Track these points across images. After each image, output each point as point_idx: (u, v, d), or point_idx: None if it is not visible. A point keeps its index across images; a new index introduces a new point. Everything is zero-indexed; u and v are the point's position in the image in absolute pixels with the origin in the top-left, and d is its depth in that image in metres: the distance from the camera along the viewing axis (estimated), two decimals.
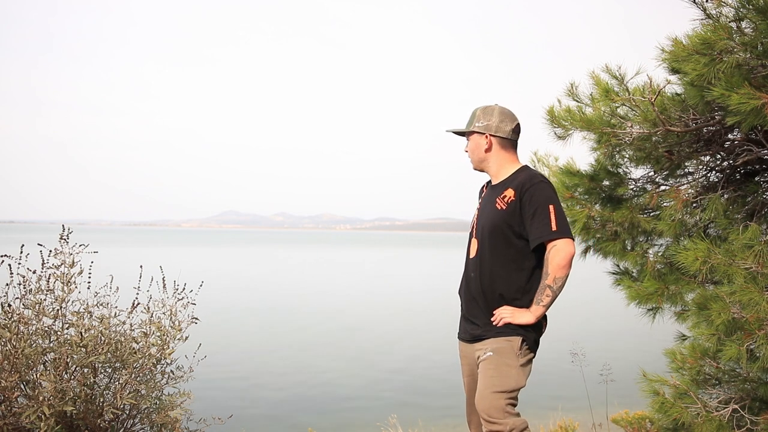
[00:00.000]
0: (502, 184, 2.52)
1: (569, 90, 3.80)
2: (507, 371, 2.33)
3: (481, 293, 2.45)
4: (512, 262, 2.42)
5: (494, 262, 2.44)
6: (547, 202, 2.38)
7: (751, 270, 2.77)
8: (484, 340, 2.43)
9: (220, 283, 25.75)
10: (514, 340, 2.37)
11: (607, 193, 3.96)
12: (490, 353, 2.37)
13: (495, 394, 2.30)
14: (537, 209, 2.37)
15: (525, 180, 2.45)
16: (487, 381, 2.34)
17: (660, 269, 3.80)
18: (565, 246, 2.34)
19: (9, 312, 3.09)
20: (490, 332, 2.41)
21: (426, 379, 10.54)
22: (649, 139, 3.47)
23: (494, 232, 2.45)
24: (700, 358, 3.46)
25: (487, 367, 2.36)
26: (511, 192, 2.44)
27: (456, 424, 7.43)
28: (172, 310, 3.51)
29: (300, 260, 50.60)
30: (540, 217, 2.36)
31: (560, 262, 2.33)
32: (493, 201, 2.50)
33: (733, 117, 2.72)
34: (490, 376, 2.34)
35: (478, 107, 2.59)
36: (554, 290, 2.35)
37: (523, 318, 2.37)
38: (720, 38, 2.69)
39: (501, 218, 2.44)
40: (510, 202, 2.43)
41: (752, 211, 3.40)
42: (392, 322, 17.29)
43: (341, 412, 8.61)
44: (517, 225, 2.41)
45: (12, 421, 2.98)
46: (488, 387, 2.32)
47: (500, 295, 2.42)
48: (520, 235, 2.41)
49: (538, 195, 2.39)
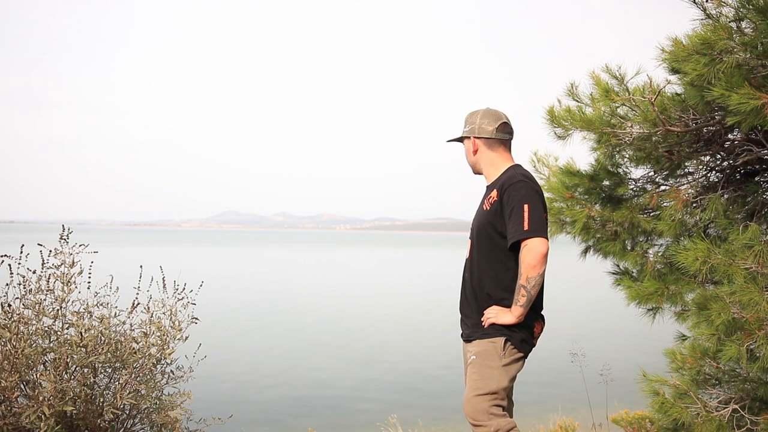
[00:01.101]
0: (492, 185, 2.56)
1: (569, 90, 3.80)
2: (489, 373, 2.38)
3: (472, 293, 2.51)
4: (498, 262, 2.45)
5: (482, 262, 2.49)
6: (521, 201, 2.38)
7: (751, 270, 2.77)
8: (472, 342, 2.49)
9: (220, 283, 25.75)
10: (497, 341, 2.41)
11: (607, 193, 3.96)
12: (473, 357, 2.44)
13: (478, 397, 2.35)
14: (513, 209, 2.38)
15: (506, 180, 2.47)
16: (470, 384, 2.40)
17: (660, 269, 3.80)
18: (536, 245, 2.33)
19: (9, 312, 3.09)
20: (477, 333, 2.46)
21: (426, 379, 10.53)
22: (649, 139, 3.47)
23: (480, 232, 2.50)
24: (700, 358, 3.46)
25: (471, 371, 2.43)
26: (495, 192, 2.48)
27: (456, 425, 7.43)
28: (172, 310, 3.51)
29: (300, 260, 50.62)
30: (515, 217, 2.37)
31: (531, 261, 2.32)
32: (482, 202, 2.56)
33: (733, 117, 2.72)
34: (474, 379, 2.40)
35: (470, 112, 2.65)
36: (528, 290, 2.34)
37: (504, 318, 2.40)
38: (720, 38, 2.69)
39: (486, 219, 2.48)
40: (493, 202, 2.47)
41: (752, 211, 3.40)
42: (393, 322, 17.29)
43: (341, 412, 8.61)
44: (499, 225, 2.44)
45: (12, 421, 2.98)
46: (471, 390, 2.38)
47: (488, 294, 2.45)
48: (503, 235, 2.44)
49: (514, 194, 2.40)
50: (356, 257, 59.80)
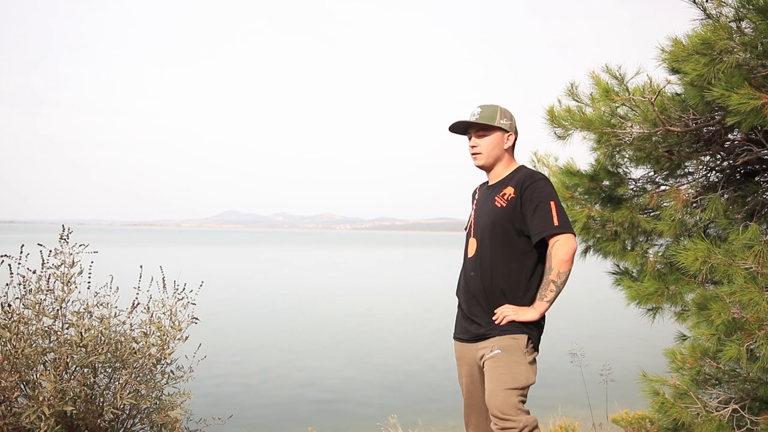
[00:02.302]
0: (501, 182, 2.53)
1: (569, 90, 3.80)
2: (517, 368, 2.29)
3: (482, 291, 2.43)
4: (513, 259, 2.41)
5: (495, 259, 2.42)
6: (548, 198, 2.39)
7: (751, 270, 2.77)
8: (488, 339, 2.39)
9: (220, 283, 25.75)
10: (520, 338, 2.34)
11: (607, 193, 3.96)
12: (498, 351, 2.33)
13: (508, 391, 2.25)
14: (538, 205, 2.37)
15: (525, 177, 2.45)
16: (498, 378, 2.29)
17: (660, 269, 3.80)
18: (568, 240, 2.34)
19: (9, 312, 3.09)
20: (495, 330, 2.37)
21: (426, 379, 10.53)
22: (649, 139, 3.47)
23: (495, 229, 2.44)
24: (700, 358, 3.46)
25: (496, 365, 2.31)
26: (511, 189, 2.45)
27: (456, 425, 7.43)
28: (172, 310, 3.51)
29: (300, 260, 50.60)
30: (541, 213, 2.36)
31: (563, 256, 2.32)
32: (492, 199, 2.50)
33: (733, 117, 2.72)
34: (501, 373, 2.29)
35: (490, 104, 2.54)
36: (558, 285, 2.34)
37: (527, 315, 2.35)
38: (720, 38, 2.69)
39: (501, 216, 2.43)
40: (510, 199, 2.43)
41: (752, 211, 3.40)
42: (393, 322, 17.28)
43: (341, 412, 8.61)
44: (518, 222, 2.41)
45: (12, 421, 2.98)
46: (500, 384, 2.27)
47: (502, 292, 2.40)
48: (521, 232, 2.41)
49: (539, 192, 2.40)
50: (356, 257, 59.78)
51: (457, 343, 2.57)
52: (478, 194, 2.68)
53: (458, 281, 2.61)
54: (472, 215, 2.62)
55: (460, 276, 2.59)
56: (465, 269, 2.55)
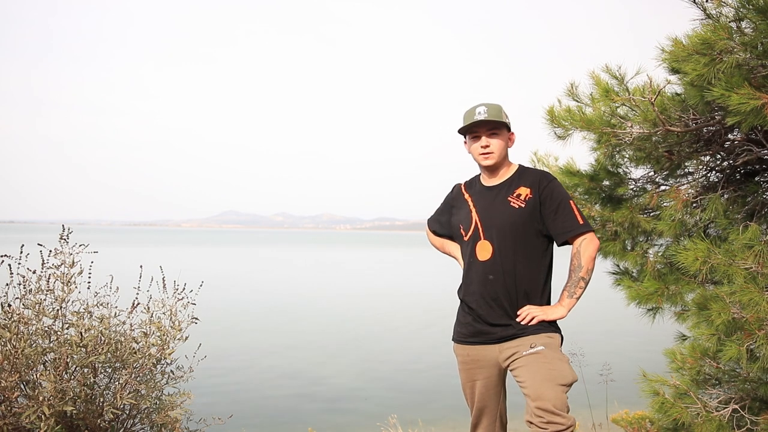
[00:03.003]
0: (508, 182, 2.47)
1: (569, 90, 3.80)
2: (561, 365, 2.23)
3: (506, 295, 2.36)
4: (533, 260, 2.40)
5: (517, 261, 2.38)
6: (567, 197, 2.41)
7: (751, 270, 2.77)
8: (520, 338, 2.31)
9: (220, 283, 25.75)
10: (555, 337, 2.33)
11: (607, 193, 3.96)
12: (541, 347, 2.26)
13: (560, 387, 2.16)
14: (559, 205, 2.38)
15: (540, 177, 2.44)
16: (547, 373, 2.19)
17: (660, 269, 3.80)
18: (593, 239, 2.38)
19: (9, 312, 3.09)
20: (528, 329, 2.31)
21: (426, 379, 10.54)
22: (649, 139, 3.47)
23: (516, 231, 2.38)
24: (700, 358, 3.46)
25: (541, 361, 2.23)
26: (527, 190, 2.42)
27: (456, 425, 7.43)
28: (172, 310, 3.51)
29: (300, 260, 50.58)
30: (564, 213, 2.37)
31: (592, 253, 2.35)
32: (504, 200, 2.42)
33: (733, 117, 2.72)
34: (549, 369, 2.20)
35: (494, 103, 2.47)
36: (587, 282, 2.35)
37: (556, 313, 2.32)
38: (720, 38, 2.69)
39: (521, 216, 2.38)
40: (528, 199, 2.40)
41: (752, 211, 3.40)
42: (392, 322, 17.28)
43: (341, 412, 8.61)
44: (537, 222, 2.40)
45: (12, 421, 2.98)
46: (552, 379, 2.17)
47: (525, 293, 2.37)
48: (539, 233, 2.40)
49: (557, 191, 2.41)
50: (356, 257, 59.76)
51: (467, 347, 2.46)
52: (466, 194, 2.57)
53: (465, 286, 2.49)
54: (473, 217, 2.47)
55: (470, 280, 2.46)
56: (477, 273, 2.43)
